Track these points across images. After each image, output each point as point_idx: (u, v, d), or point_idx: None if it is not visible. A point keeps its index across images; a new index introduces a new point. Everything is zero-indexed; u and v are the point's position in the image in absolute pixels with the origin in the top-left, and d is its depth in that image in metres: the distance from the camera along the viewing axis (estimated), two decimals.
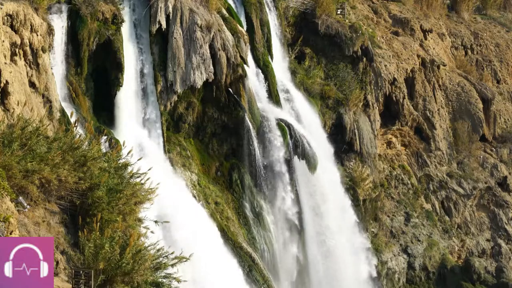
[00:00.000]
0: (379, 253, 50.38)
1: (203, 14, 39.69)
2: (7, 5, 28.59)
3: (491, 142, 61.78)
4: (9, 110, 26.90)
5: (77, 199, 21.63)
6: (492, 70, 66.63)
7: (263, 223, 41.78)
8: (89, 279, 18.99)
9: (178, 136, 40.13)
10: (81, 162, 21.78)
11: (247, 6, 44.85)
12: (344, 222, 46.36)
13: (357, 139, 49.18)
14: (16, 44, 28.96)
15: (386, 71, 53.62)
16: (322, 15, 50.27)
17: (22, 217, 19.92)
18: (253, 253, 39.58)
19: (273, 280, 40.51)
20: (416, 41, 59.33)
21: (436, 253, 53.14)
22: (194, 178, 39.61)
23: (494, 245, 56.94)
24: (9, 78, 27.08)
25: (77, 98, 35.05)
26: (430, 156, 56.83)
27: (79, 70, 35.49)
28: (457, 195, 56.77)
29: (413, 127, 56.23)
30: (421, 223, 53.68)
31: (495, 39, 69.17)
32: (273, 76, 44.62)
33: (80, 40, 35.25)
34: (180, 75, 38.71)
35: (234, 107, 40.92)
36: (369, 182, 49.82)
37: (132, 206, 22.26)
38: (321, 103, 48.30)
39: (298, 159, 43.00)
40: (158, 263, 21.28)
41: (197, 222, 36.40)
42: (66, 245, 20.68)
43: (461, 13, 69.23)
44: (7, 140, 20.66)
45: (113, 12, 36.50)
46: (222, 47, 40.05)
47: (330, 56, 50.88)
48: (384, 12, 60.83)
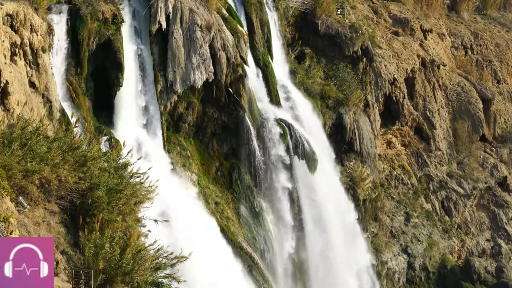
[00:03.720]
0: (379, 253, 50.37)
1: (203, 14, 39.69)
2: (7, 5, 28.58)
3: (491, 142, 61.75)
4: (9, 110, 26.90)
5: (77, 199, 21.63)
6: (492, 70, 66.61)
7: (263, 223, 41.78)
8: (89, 279, 19.00)
9: (178, 136, 40.13)
10: (81, 162, 21.78)
11: (247, 6, 44.84)
12: (344, 221, 46.35)
13: (357, 139, 49.17)
14: (16, 44, 28.96)
15: (386, 71, 53.59)
16: (322, 15, 50.25)
17: (22, 217, 19.91)
18: (253, 253, 39.58)
19: (272, 279, 40.52)
20: (416, 41, 59.30)
21: (436, 253, 53.12)
22: (194, 178, 39.61)
23: (494, 245, 56.92)
24: (9, 78, 27.08)
25: (77, 98, 35.05)
26: (430, 156, 56.82)
27: (79, 70, 35.50)
28: (457, 195, 56.75)
29: (413, 127, 56.19)
30: (421, 223, 53.66)
31: (495, 39, 69.15)
32: (273, 76, 44.61)
33: (80, 40, 35.26)
34: (180, 75, 38.71)
35: (234, 107, 40.93)
36: (369, 182, 49.80)
37: (132, 206, 22.25)
38: (321, 103, 48.28)
39: (298, 159, 42.99)
40: (158, 263, 21.28)
41: (197, 222, 36.42)
42: (66, 245, 20.67)
43: (461, 13, 69.20)
44: (7, 140, 20.65)
45: (113, 12, 36.51)
46: (222, 47, 40.05)
47: (330, 56, 50.86)
48: (384, 12, 60.81)
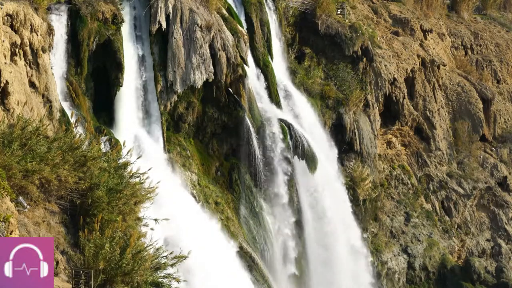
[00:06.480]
0: (379, 253, 50.37)
1: (203, 14, 39.68)
2: (7, 5, 28.58)
3: (491, 142, 61.75)
4: (9, 110, 26.88)
5: (77, 199, 21.65)
6: (492, 70, 66.60)
7: (263, 223, 41.78)
8: (89, 279, 19.01)
9: (178, 136, 40.13)
10: (81, 162, 21.80)
11: (247, 6, 44.83)
12: (344, 221, 46.36)
13: (357, 139, 49.17)
14: (16, 44, 28.94)
15: (386, 71, 53.58)
16: (322, 15, 50.25)
17: (22, 217, 19.92)
18: (253, 253, 39.58)
19: (272, 279, 40.51)
20: (416, 41, 59.29)
21: (436, 253, 53.11)
22: (194, 178, 39.60)
23: (494, 245, 56.92)
24: (9, 78, 27.07)
25: (77, 98, 35.05)
26: (430, 156, 56.82)
27: (79, 70, 35.50)
28: (457, 195, 56.75)
29: (413, 127, 56.19)
30: (421, 223, 53.66)
31: (495, 39, 69.15)
32: (273, 76, 44.61)
33: (80, 40, 35.26)
34: (180, 75, 38.70)
35: (234, 107, 40.92)
36: (369, 182, 49.80)
37: (132, 206, 22.27)
38: (321, 103, 48.27)
39: (298, 159, 43.00)
40: (158, 263, 21.29)
41: (197, 221, 36.42)
42: (66, 245, 20.68)
43: (461, 13, 69.20)
44: (7, 140, 20.67)
45: (113, 12, 36.51)
46: (222, 47, 40.05)
47: (330, 56, 50.85)
48: (384, 12, 60.80)
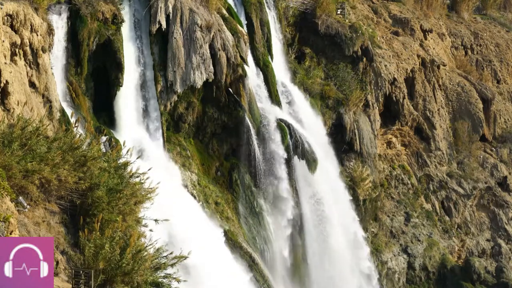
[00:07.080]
0: (379, 253, 50.36)
1: (203, 14, 39.68)
2: (7, 5, 28.57)
3: (491, 142, 61.76)
4: (9, 110, 26.88)
5: (77, 199, 21.64)
6: (492, 70, 66.61)
7: (263, 223, 41.78)
8: (89, 279, 19.01)
9: (178, 136, 40.13)
10: (81, 162, 21.80)
11: (247, 6, 44.83)
12: (344, 221, 46.36)
13: (357, 139, 49.16)
14: (16, 44, 28.94)
15: (386, 71, 53.58)
16: (322, 15, 50.24)
17: (22, 217, 19.92)
18: (253, 253, 39.58)
19: (272, 279, 40.51)
20: (416, 41, 59.30)
21: (436, 253, 53.11)
22: (194, 178, 39.60)
23: (494, 245, 56.92)
24: (9, 78, 27.07)
25: (77, 98, 35.05)
26: (430, 156, 56.82)
27: (79, 70, 35.50)
28: (457, 195, 56.75)
29: (413, 127, 56.19)
30: (421, 223, 53.65)
31: (495, 39, 69.15)
32: (273, 76, 44.61)
33: (80, 40, 35.26)
34: (180, 75, 38.70)
35: (234, 107, 40.92)
36: (369, 182, 49.79)
37: (132, 206, 22.27)
38: (321, 103, 48.27)
39: (298, 159, 42.99)
40: (158, 263, 21.29)
41: (197, 221, 36.42)
42: (66, 245, 20.68)
43: (461, 13, 69.20)
44: (7, 140, 20.66)
45: (113, 12, 36.50)
46: (222, 47, 40.05)
47: (330, 56, 50.85)
48: (384, 12, 60.80)
